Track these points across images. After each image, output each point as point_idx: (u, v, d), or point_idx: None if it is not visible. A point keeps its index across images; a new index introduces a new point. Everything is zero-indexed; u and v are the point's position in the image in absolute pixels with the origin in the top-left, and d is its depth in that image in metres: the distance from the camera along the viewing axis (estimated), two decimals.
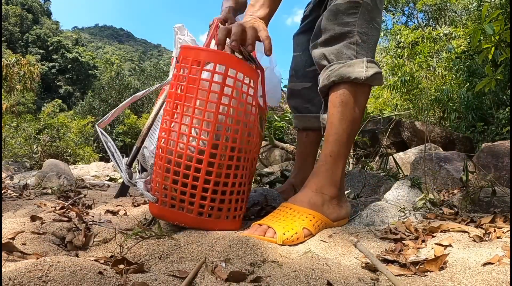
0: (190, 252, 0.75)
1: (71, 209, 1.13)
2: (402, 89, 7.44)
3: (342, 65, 1.03)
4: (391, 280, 0.60)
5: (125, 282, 0.57)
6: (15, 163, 4.65)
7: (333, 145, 1.02)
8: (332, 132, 1.03)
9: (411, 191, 1.18)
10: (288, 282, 0.60)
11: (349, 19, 1.07)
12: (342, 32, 1.06)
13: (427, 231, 0.87)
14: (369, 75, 1.02)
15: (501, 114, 5.29)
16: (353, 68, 1.02)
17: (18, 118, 10.62)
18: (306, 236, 0.89)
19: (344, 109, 1.02)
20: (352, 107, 1.03)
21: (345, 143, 1.02)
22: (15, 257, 0.68)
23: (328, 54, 1.07)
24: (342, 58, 1.04)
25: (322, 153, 1.03)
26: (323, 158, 1.02)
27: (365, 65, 1.03)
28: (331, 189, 1.00)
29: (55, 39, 53.12)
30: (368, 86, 1.07)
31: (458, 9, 10.14)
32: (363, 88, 1.05)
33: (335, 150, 1.01)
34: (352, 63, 1.03)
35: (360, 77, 1.02)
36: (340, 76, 1.03)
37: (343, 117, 1.02)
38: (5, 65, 12.56)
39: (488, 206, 1.13)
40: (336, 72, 1.03)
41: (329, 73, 1.05)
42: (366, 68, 1.03)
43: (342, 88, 1.03)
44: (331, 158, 1.01)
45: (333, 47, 1.06)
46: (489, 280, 0.57)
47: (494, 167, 1.49)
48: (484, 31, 2.05)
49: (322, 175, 1.01)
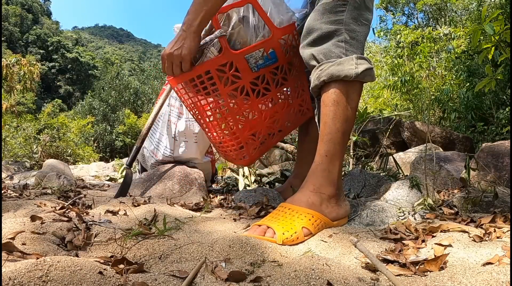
0: (190, 252, 0.75)
1: (71, 209, 1.13)
2: (402, 89, 7.44)
3: (332, 64, 1.03)
4: (391, 280, 0.60)
5: (125, 282, 0.57)
6: (15, 163, 4.65)
7: (328, 145, 1.02)
8: (326, 131, 1.03)
9: (411, 191, 1.18)
10: (288, 282, 0.60)
11: (336, 17, 1.06)
12: (330, 30, 1.06)
13: (427, 231, 0.87)
14: (359, 71, 1.01)
15: (501, 114, 5.29)
16: (342, 66, 1.02)
17: (18, 118, 10.61)
18: (306, 236, 0.89)
19: (337, 108, 1.02)
20: (345, 105, 1.02)
21: (340, 142, 1.02)
22: (15, 257, 0.67)
23: (317, 54, 1.06)
24: (331, 57, 1.04)
25: (318, 153, 1.04)
26: (319, 158, 1.02)
27: (355, 62, 1.02)
28: (329, 189, 1.00)
29: (55, 39, 53.12)
30: (360, 83, 1.06)
31: (458, 9, 10.14)
32: (354, 85, 1.04)
33: (330, 149, 1.01)
34: (342, 61, 1.02)
35: (350, 75, 1.01)
36: (330, 75, 1.02)
37: (336, 116, 1.02)
38: (5, 65, 12.56)
39: (488, 206, 1.13)
40: (326, 72, 1.03)
41: (319, 73, 1.05)
42: (356, 65, 1.02)
43: (333, 87, 1.03)
44: (326, 157, 1.01)
45: (322, 46, 1.06)
46: (489, 280, 0.57)
47: (494, 167, 1.49)
48: (484, 31, 2.05)
49: (319, 174, 1.01)
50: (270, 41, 1.21)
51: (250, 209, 1.25)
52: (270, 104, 1.31)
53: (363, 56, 1.05)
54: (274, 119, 1.33)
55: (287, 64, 1.27)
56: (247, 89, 1.21)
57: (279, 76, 1.26)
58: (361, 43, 1.09)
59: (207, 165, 1.97)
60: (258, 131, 1.31)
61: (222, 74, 1.18)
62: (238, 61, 1.17)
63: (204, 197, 1.62)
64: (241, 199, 1.46)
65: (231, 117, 1.27)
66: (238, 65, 1.18)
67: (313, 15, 1.10)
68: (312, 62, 1.08)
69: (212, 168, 2.07)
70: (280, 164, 2.66)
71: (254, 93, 1.23)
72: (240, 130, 1.29)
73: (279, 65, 1.25)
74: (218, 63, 1.17)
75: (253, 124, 1.29)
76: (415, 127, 3.95)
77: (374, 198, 1.23)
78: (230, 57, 1.17)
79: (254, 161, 1.38)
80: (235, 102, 1.24)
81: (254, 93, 1.23)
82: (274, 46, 1.22)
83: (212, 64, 1.16)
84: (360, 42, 1.08)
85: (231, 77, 1.18)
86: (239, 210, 1.30)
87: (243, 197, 1.47)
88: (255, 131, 1.31)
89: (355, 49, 1.06)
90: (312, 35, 1.08)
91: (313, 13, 1.10)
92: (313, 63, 1.07)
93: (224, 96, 1.21)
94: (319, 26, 1.07)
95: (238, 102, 1.24)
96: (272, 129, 1.35)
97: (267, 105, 1.30)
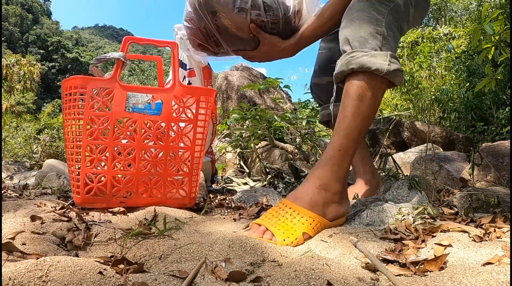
0: (190, 252, 0.75)
1: (71, 209, 1.13)
2: (402, 89, 7.44)
3: (365, 53, 0.97)
4: (391, 280, 0.60)
5: (125, 282, 0.57)
6: (15, 163, 4.65)
7: (343, 140, 0.97)
8: (344, 126, 0.98)
9: (411, 191, 1.18)
10: (288, 282, 0.60)
11: (381, 8, 1.02)
12: (372, 16, 1.01)
13: (427, 231, 0.87)
14: (391, 69, 0.97)
15: (501, 114, 5.28)
16: (375, 59, 0.96)
17: (18, 118, 10.61)
18: (305, 240, 0.88)
19: (360, 103, 0.97)
20: (369, 102, 0.98)
21: (355, 139, 0.98)
22: (15, 257, 0.67)
23: (352, 40, 1.00)
24: (366, 47, 0.99)
25: (331, 146, 0.99)
26: (331, 152, 0.98)
27: (389, 59, 0.97)
28: (336, 185, 0.96)
29: (55, 39, 53.12)
30: (388, 82, 1.01)
31: (458, 9, 10.14)
32: (382, 83, 0.99)
33: (344, 144, 0.97)
34: (376, 54, 0.97)
35: (381, 69, 0.96)
36: (361, 65, 0.96)
37: (358, 111, 0.97)
38: (5, 65, 12.56)
39: (488, 206, 1.13)
40: (358, 60, 0.97)
41: (349, 60, 0.99)
42: (389, 62, 0.97)
43: (361, 79, 0.98)
44: (339, 152, 0.97)
45: (358, 32, 1.00)
46: (489, 280, 0.57)
47: (494, 167, 1.49)
48: (484, 31, 2.05)
49: (329, 170, 0.97)
50: (164, 91, 1.16)
51: (250, 209, 1.25)
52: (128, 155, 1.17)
53: (397, 57, 1.01)
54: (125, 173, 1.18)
55: (169, 125, 1.17)
56: (111, 124, 1.14)
57: (154, 132, 1.15)
58: (395, 46, 1.04)
59: (207, 165, 1.97)
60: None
61: (96, 97, 1.14)
62: (118, 93, 1.14)
63: (204, 197, 1.62)
64: (241, 199, 1.46)
65: (84, 141, 1.15)
66: (116, 96, 1.14)
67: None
68: (345, 47, 1.02)
69: (212, 168, 2.07)
70: (280, 164, 2.66)
71: (115, 132, 1.15)
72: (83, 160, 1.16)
73: (159, 120, 1.16)
74: (98, 85, 1.13)
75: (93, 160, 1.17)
76: (415, 127, 3.95)
77: (374, 198, 1.23)
78: (112, 85, 1.14)
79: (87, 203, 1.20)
80: (91, 128, 1.15)
81: (116, 132, 1.15)
82: (165, 100, 1.16)
83: (92, 82, 1.13)
84: (395, 44, 1.04)
85: (102, 104, 1.14)
86: (239, 210, 1.30)
87: (243, 197, 1.47)
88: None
89: (391, 47, 1.01)
90: (350, 12, 1.04)
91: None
92: (346, 48, 1.02)
93: (85, 116, 1.14)
94: (361, 7, 1.03)
95: (95, 130, 1.15)
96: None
97: (124, 153, 1.17)
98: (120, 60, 1.16)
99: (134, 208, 1.24)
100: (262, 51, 1.29)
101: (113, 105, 1.14)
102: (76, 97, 1.15)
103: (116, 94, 1.14)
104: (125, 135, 1.17)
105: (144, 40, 1.24)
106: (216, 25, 1.22)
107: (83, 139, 1.15)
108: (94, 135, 1.15)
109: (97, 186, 1.16)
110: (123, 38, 1.22)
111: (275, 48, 1.27)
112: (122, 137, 1.18)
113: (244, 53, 1.33)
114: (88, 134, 1.15)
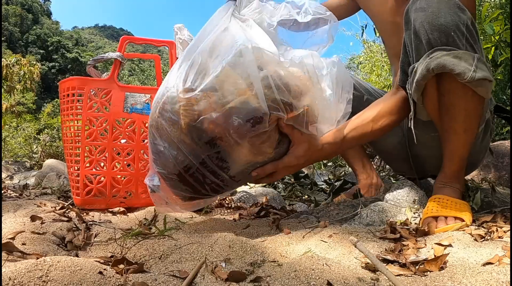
0: (190, 252, 0.75)
1: (71, 209, 1.13)
2: None
3: (447, 53, 0.79)
4: (391, 280, 0.60)
5: (125, 282, 0.57)
6: (15, 163, 4.66)
7: (466, 151, 0.93)
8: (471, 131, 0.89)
9: (411, 191, 1.18)
10: (288, 282, 0.60)
11: (463, 5, 0.81)
12: (455, 2, 0.80)
13: (427, 231, 0.86)
14: (475, 77, 0.77)
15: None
16: (459, 61, 0.78)
17: (18, 118, 10.61)
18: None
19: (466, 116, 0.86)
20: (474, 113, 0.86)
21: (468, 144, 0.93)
22: (15, 257, 0.68)
23: (431, 31, 0.79)
24: (449, 43, 0.79)
25: (463, 146, 0.92)
26: (465, 152, 0.94)
27: (475, 63, 0.78)
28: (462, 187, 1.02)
29: (55, 39, 53.17)
30: (472, 93, 0.81)
31: None
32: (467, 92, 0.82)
33: (466, 156, 0.95)
34: (460, 54, 0.78)
35: (464, 76, 0.77)
36: (442, 66, 0.78)
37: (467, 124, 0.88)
38: (5, 65, 12.57)
39: (488, 206, 1.13)
40: (437, 61, 0.79)
41: (428, 62, 0.80)
42: (475, 67, 0.78)
43: (448, 83, 0.82)
44: (463, 162, 0.97)
45: (440, 21, 0.79)
46: (489, 280, 0.57)
47: (494, 167, 1.49)
48: (484, 31, 2.05)
49: (463, 174, 1.01)
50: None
51: (250, 209, 1.25)
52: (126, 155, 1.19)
53: (486, 62, 0.81)
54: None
55: None
56: (110, 124, 1.14)
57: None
58: (482, 49, 0.84)
59: None
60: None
61: (94, 98, 1.14)
62: (116, 93, 1.14)
63: None
64: (241, 199, 1.46)
65: (82, 143, 1.16)
66: (114, 96, 1.14)
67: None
68: (421, 35, 0.81)
69: None
70: None
71: (113, 133, 1.16)
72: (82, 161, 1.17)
73: None
74: (96, 85, 1.14)
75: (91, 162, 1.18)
76: None
77: (374, 198, 1.23)
78: (110, 85, 1.14)
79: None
80: (90, 129, 1.16)
81: (114, 132, 1.16)
82: None
83: (89, 83, 1.13)
84: (481, 47, 0.84)
85: (100, 105, 1.14)
86: (239, 210, 1.30)
87: (243, 197, 1.47)
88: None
89: (477, 50, 0.81)
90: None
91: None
92: (423, 36, 0.81)
93: (83, 117, 1.15)
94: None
95: (94, 131, 1.16)
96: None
97: (123, 153, 1.18)
98: (117, 60, 1.16)
99: (134, 208, 1.24)
100: (297, 155, 0.92)
101: (111, 105, 1.15)
102: (74, 99, 1.15)
103: (114, 95, 1.15)
104: (124, 135, 1.17)
105: (141, 40, 1.24)
106: (219, 159, 0.87)
107: (82, 140, 1.15)
108: (93, 136, 1.15)
109: (96, 187, 1.17)
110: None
111: (314, 147, 0.93)
112: (121, 138, 1.18)
113: (257, 174, 0.92)
114: (86, 135, 1.15)
